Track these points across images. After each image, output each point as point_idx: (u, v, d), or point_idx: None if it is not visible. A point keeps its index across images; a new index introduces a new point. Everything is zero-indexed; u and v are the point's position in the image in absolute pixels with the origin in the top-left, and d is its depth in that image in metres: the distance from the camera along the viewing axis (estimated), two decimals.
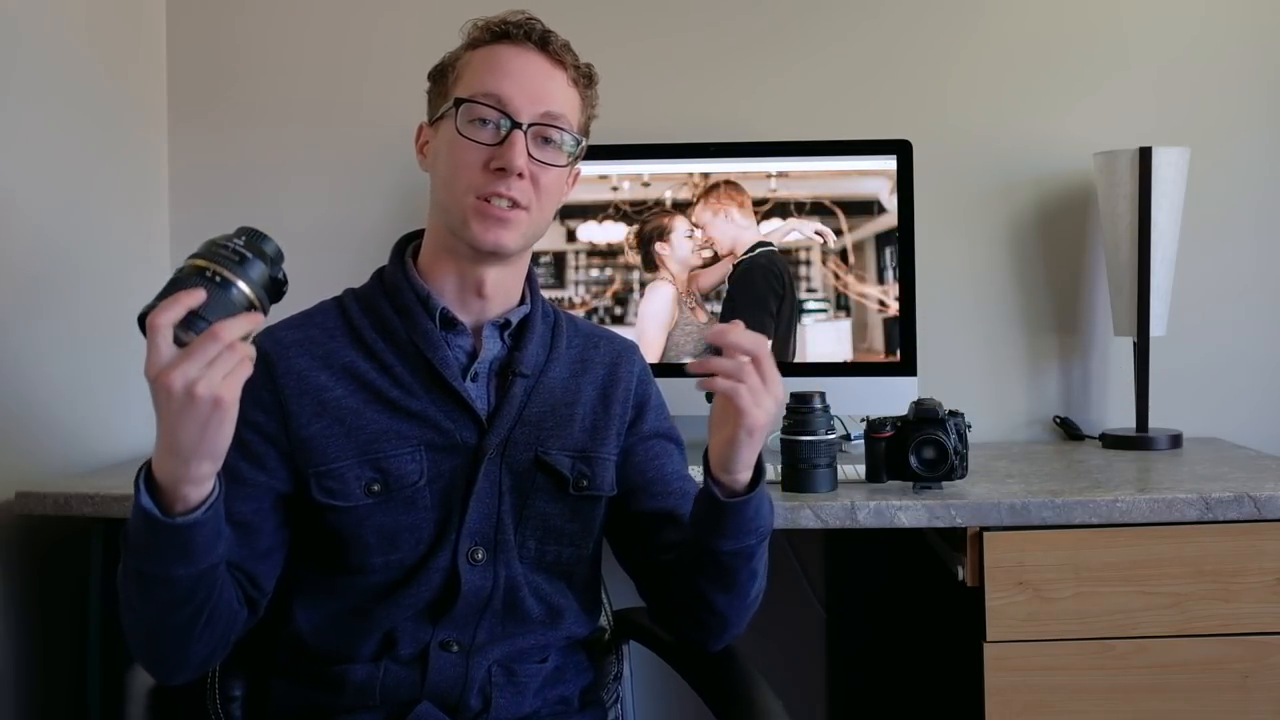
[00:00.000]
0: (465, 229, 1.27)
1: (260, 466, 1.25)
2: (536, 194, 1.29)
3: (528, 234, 1.31)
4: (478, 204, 1.27)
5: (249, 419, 1.24)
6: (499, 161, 1.26)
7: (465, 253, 1.30)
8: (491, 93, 1.28)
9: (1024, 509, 1.64)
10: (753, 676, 1.35)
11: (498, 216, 1.27)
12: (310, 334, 1.31)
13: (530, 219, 1.29)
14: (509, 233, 1.28)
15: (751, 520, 1.24)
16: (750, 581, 1.30)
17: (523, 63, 1.30)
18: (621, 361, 1.41)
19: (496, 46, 1.31)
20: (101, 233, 2.08)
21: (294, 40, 2.30)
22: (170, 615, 1.14)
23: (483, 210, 1.27)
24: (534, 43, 1.31)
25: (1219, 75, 2.25)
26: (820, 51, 2.28)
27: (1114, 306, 2.15)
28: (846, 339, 2.07)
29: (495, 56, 1.30)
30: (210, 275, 1.06)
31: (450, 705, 1.25)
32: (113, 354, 2.10)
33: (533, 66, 1.30)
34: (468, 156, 1.27)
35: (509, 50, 1.30)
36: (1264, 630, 1.65)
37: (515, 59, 1.30)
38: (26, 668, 1.83)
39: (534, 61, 1.30)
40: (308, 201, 2.30)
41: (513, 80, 1.28)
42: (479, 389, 1.31)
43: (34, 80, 1.88)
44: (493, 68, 1.29)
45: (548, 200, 1.31)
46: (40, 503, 1.73)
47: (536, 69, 1.30)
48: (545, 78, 1.31)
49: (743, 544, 1.25)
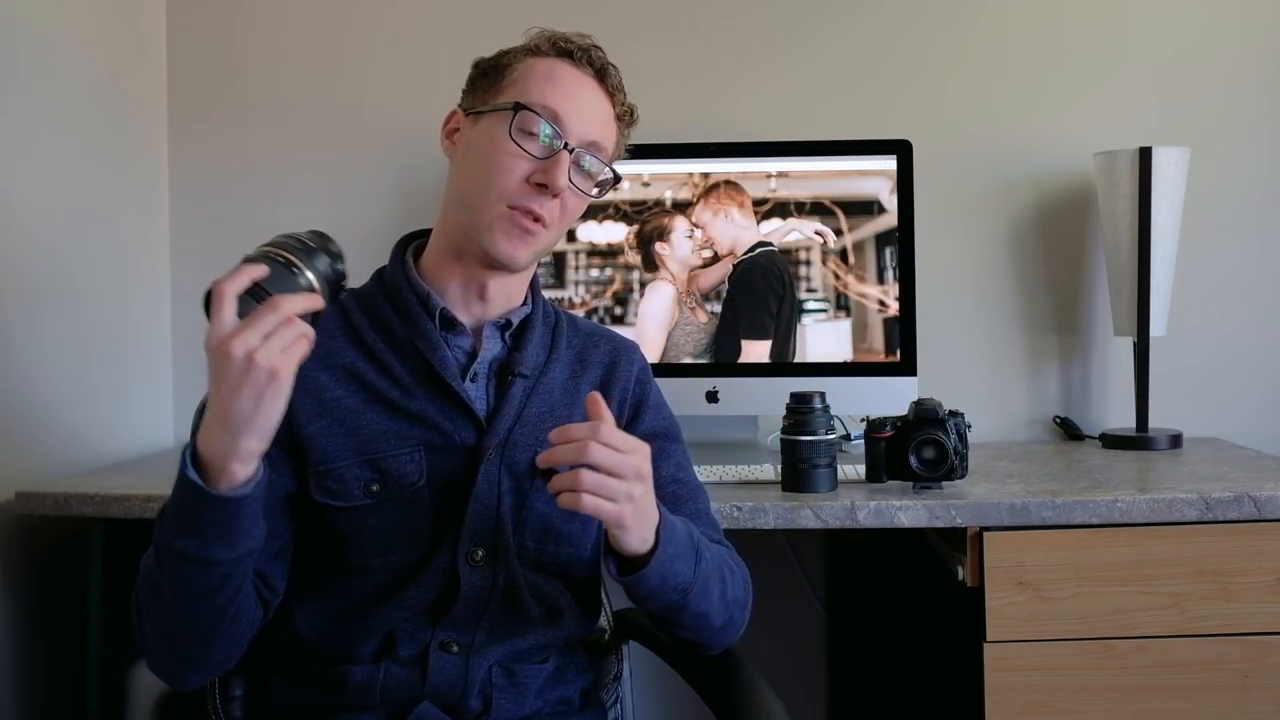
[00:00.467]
0: (488, 233, 1.27)
1: (270, 465, 1.25)
2: (560, 215, 1.30)
3: (540, 251, 1.32)
4: (508, 213, 1.27)
5: None
6: (542, 177, 1.26)
7: (474, 257, 1.30)
8: (549, 107, 1.28)
9: (1024, 509, 1.64)
10: (753, 676, 1.35)
11: (523, 228, 1.27)
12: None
13: (547, 237, 1.30)
14: (527, 249, 1.28)
15: (659, 587, 1.22)
16: (704, 619, 1.29)
17: (581, 86, 1.31)
18: (620, 360, 1.41)
19: (558, 62, 1.31)
20: (102, 233, 2.08)
21: (294, 41, 2.30)
22: (201, 604, 1.14)
23: (511, 220, 1.27)
24: (594, 70, 1.32)
25: (1219, 75, 2.25)
26: (820, 51, 2.28)
27: (1114, 306, 2.15)
28: (846, 339, 2.07)
29: (556, 72, 1.30)
30: (275, 257, 1.13)
31: (451, 706, 1.25)
32: (113, 354, 2.10)
33: (590, 93, 1.32)
34: (512, 164, 1.27)
35: (570, 70, 1.31)
36: (1264, 630, 1.65)
37: (574, 80, 1.31)
38: (26, 668, 1.83)
39: (591, 88, 1.32)
40: (308, 202, 2.30)
41: (571, 101, 1.29)
42: (478, 389, 1.31)
43: (34, 81, 1.88)
44: (554, 83, 1.29)
45: (566, 223, 1.33)
46: (40, 503, 1.73)
47: (592, 96, 1.32)
48: (598, 106, 1.32)
49: (664, 603, 1.25)
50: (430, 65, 2.24)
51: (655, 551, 1.19)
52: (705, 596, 1.27)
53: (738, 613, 1.34)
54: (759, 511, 1.65)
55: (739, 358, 2.07)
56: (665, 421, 1.42)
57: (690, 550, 1.24)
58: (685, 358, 2.08)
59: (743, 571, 1.38)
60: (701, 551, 1.26)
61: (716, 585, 1.28)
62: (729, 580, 1.32)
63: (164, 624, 1.17)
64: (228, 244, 2.28)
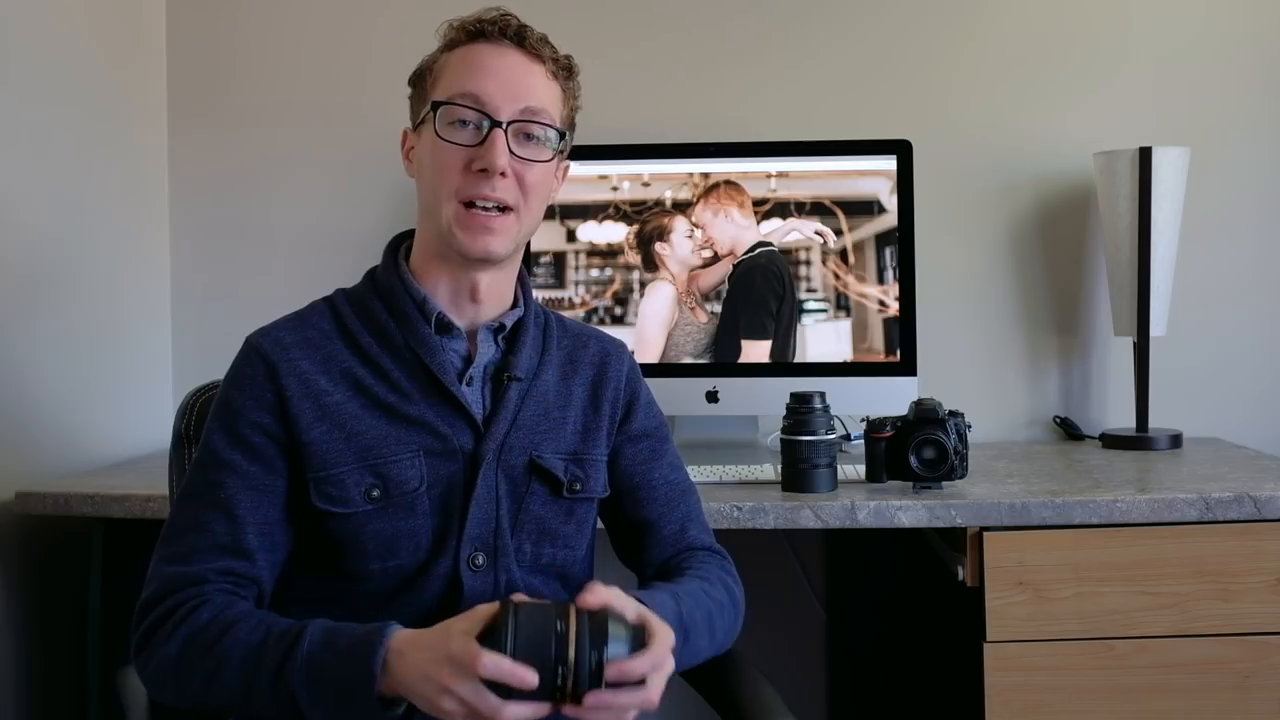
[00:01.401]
0: (452, 237, 1.26)
1: (273, 470, 1.24)
2: (523, 193, 1.28)
3: (517, 237, 1.30)
4: (462, 211, 1.26)
5: (255, 421, 1.24)
6: (480, 162, 1.25)
7: (456, 259, 1.29)
8: (469, 92, 1.26)
9: (1024, 509, 1.64)
10: (754, 675, 1.35)
11: (483, 224, 1.26)
12: (308, 335, 1.29)
13: (519, 221, 1.28)
14: (496, 239, 1.27)
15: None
16: (696, 659, 1.27)
17: (500, 60, 1.28)
18: (610, 360, 1.40)
19: (473, 46, 1.29)
20: (101, 233, 2.08)
21: (294, 40, 2.30)
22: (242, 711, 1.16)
23: (468, 219, 1.26)
24: (510, 39, 1.29)
25: (1219, 75, 2.25)
26: (820, 51, 2.28)
27: (1114, 306, 2.15)
28: (846, 339, 2.07)
29: (471, 56, 1.29)
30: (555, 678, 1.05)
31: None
32: (113, 354, 2.10)
33: (510, 63, 1.28)
34: (449, 159, 1.26)
35: (485, 49, 1.29)
36: (1264, 630, 1.65)
37: (492, 57, 1.28)
38: (26, 668, 1.83)
39: (511, 58, 1.29)
40: (307, 201, 2.30)
41: (490, 78, 1.27)
42: (474, 393, 1.30)
43: (33, 80, 1.88)
44: (469, 67, 1.28)
45: (535, 199, 1.30)
46: (40, 503, 1.73)
47: (514, 65, 1.28)
48: (524, 73, 1.29)
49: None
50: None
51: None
52: (693, 657, 1.25)
53: (728, 639, 1.32)
54: (759, 511, 1.65)
55: (739, 358, 2.07)
56: (655, 421, 1.42)
57: (680, 632, 1.20)
58: (685, 358, 2.08)
59: (735, 593, 1.35)
60: (691, 623, 1.23)
61: (706, 639, 1.26)
62: (719, 625, 1.29)
63: (223, 702, 1.17)
64: (227, 243, 2.30)
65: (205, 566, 1.20)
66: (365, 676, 1.08)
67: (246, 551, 1.22)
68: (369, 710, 1.09)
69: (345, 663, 1.10)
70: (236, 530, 1.22)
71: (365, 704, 1.09)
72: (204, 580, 1.20)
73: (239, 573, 1.22)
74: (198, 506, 1.23)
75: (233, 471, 1.23)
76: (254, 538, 1.22)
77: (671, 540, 1.36)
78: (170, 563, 1.22)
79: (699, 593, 1.28)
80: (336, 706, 1.11)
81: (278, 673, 1.12)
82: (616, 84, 2.20)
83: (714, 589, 1.31)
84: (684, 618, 1.22)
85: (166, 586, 1.20)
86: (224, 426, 1.25)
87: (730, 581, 1.35)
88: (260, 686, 1.13)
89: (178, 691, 1.18)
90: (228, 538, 1.21)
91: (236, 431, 1.24)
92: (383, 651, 1.09)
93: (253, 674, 1.13)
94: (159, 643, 1.18)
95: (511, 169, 1.26)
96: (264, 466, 1.24)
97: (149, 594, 1.21)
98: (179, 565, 1.21)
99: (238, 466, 1.23)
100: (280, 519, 1.25)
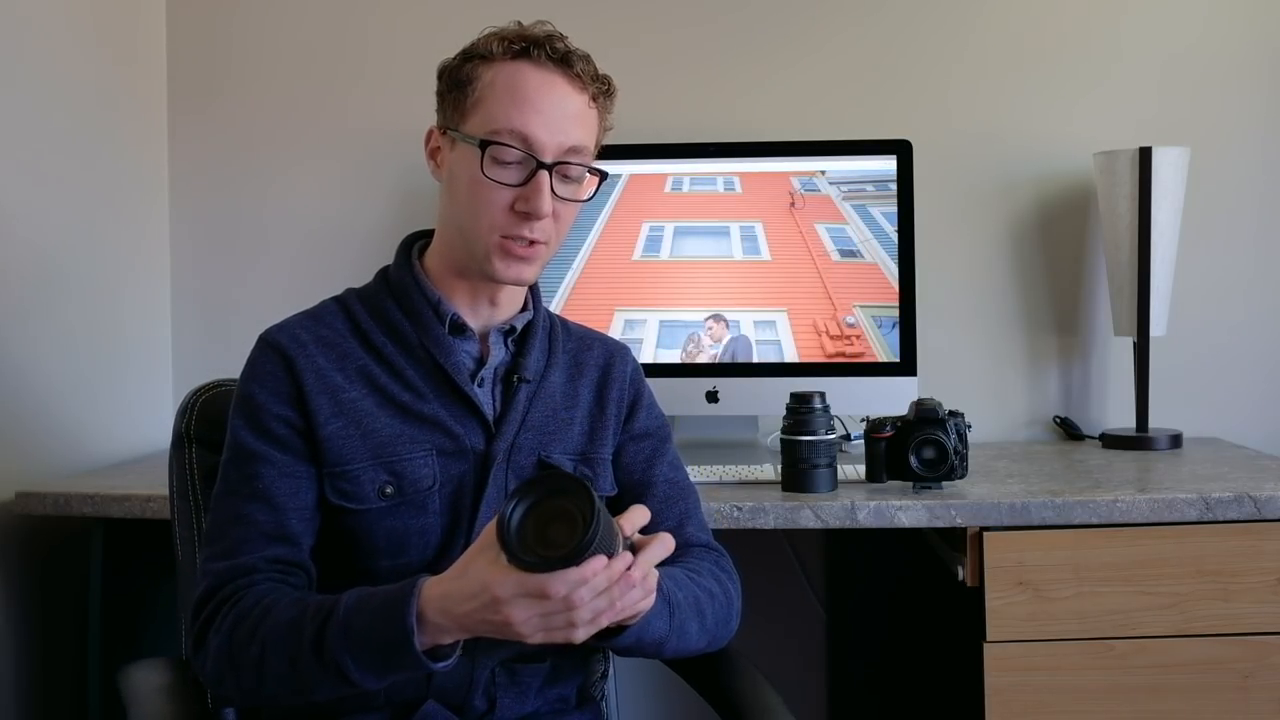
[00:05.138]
0: (487, 262, 1.27)
1: (303, 458, 1.25)
2: (557, 228, 1.29)
3: (546, 261, 1.32)
4: (502, 242, 1.26)
5: (278, 413, 1.25)
6: (525, 206, 1.25)
7: (480, 277, 1.30)
8: (516, 130, 1.24)
9: (1024, 509, 1.64)
10: (753, 675, 1.35)
11: (520, 255, 1.27)
12: (321, 333, 1.30)
13: (550, 250, 1.30)
14: (530, 268, 1.29)
15: (634, 647, 1.21)
16: (682, 652, 1.28)
17: (546, 90, 1.26)
18: (615, 362, 1.41)
19: (517, 66, 1.27)
20: (101, 232, 2.08)
21: (295, 38, 2.30)
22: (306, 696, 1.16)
23: (506, 248, 1.26)
24: (556, 63, 1.27)
25: (1219, 75, 2.25)
26: (820, 51, 2.28)
27: (1114, 306, 2.15)
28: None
29: (517, 83, 1.26)
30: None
31: (455, 705, 1.26)
32: (113, 353, 2.10)
33: (557, 96, 1.27)
34: (493, 197, 1.25)
35: (531, 74, 1.26)
36: (1264, 630, 1.65)
37: (538, 87, 1.26)
38: (26, 668, 1.83)
39: (558, 88, 1.27)
40: (308, 200, 2.30)
41: (537, 114, 1.25)
42: (485, 394, 1.31)
43: (33, 78, 1.88)
44: (515, 99, 1.25)
45: (565, 229, 1.32)
46: (40, 503, 1.73)
47: (561, 99, 1.27)
48: (569, 107, 1.27)
49: (641, 655, 1.25)
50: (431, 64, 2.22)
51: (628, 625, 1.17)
52: (682, 638, 1.25)
53: (721, 630, 1.32)
54: (759, 511, 1.65)
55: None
56: (658, 421, 1.43)
57: (664, 605, 1.21)
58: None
59: (727, 586, 1.35)
60: (675, 601, 1.23)
61: (694, 622, 1.26)
62: (708, 611, 1.29)
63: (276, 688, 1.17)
64: (227, 243, 2.30)
65: (253, 556, 1.21)
66: (403, 633, 1.09)
67: (292, 537, 1.23)
68: (418, 664, 1.10)
69: (380, 623, 1.10)
70: (280, 517, 1.22)
71: (411, 659, 1.10)
72: (253, 569, 1.21)
73: (287, 559, 1.22)
74: (236, 501, 1.24)
75: (265, 462, 1.24)
76: (297, 523, 1.23)
77: None
78: (216, 559, 1.22)
79: (683, 578, 1.28)
80: (384, 668, 1.12)
81: (318, 646, 1.12)
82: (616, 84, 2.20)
83: (703, 578, 1.31)
84: (667, 592, 1.22)
85: (216, 582, 1.21)
86: (248, 421, 1.26)
87: (722, 575, 1.35)
88: (305, 663, 1.13)
89: (236, 685, 1.18)
90: (272, 525, 1.22)
91: (261, 424, 1.25)
92: (415, 604, 1.09)
93: (295, 651, 1.13)
94: (210, 638, 1.19)
95: (552, 208, 1.27)
96: (294, 456, 1.25)
97: (199, 593, 1.22)
98: (225, 560, 1.21)
99: (269, 456, 1.24)
100: (315, 505, 1.25)
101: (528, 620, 1.06)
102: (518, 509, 1.05)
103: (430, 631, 1.10)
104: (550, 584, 1.04)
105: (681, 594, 1.25)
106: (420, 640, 1.09)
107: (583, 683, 1.40)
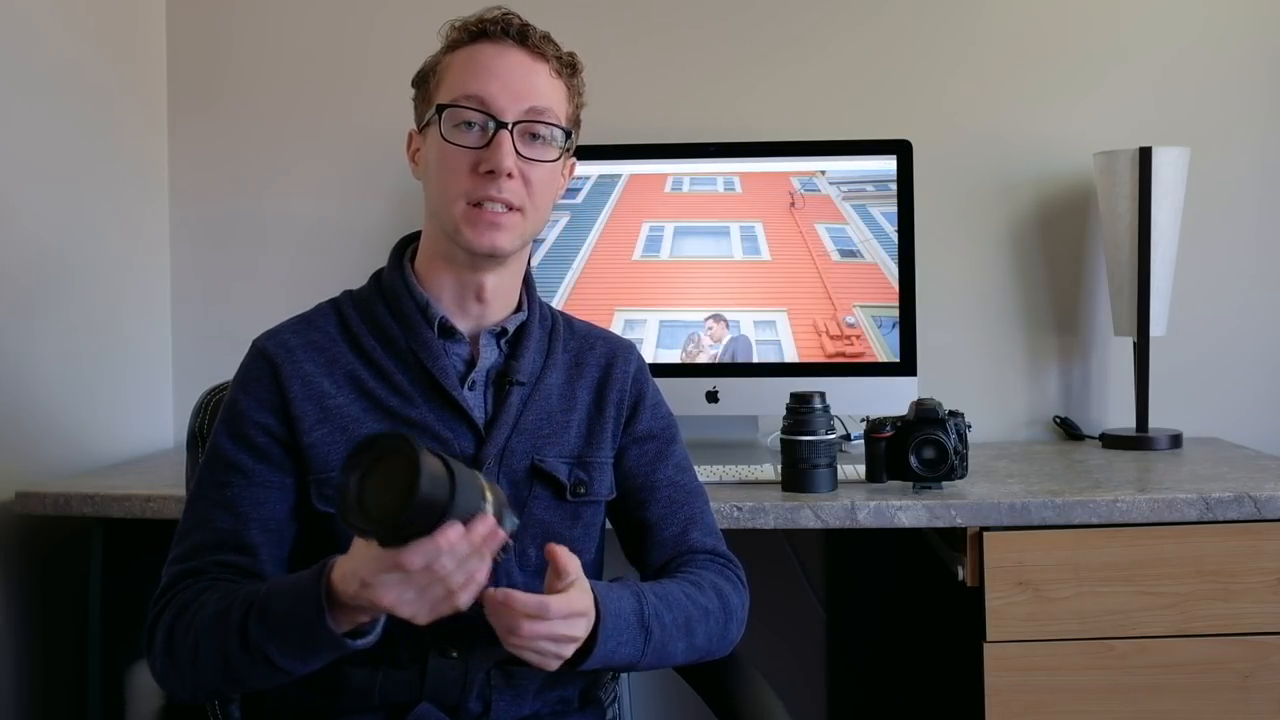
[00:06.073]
0: (459, 235, 1.27)
1: (279, 469, 1.25)
2: (529, 192, 1.28)
3: (524, 234, 1.30)
4: (469, 210, 1.26)
5: (259, 422, 1.25)
6: (487, 164, 1.25)
7: (462, 259, 1.29)
8: (473, 94, 1.26)
9: (1024, 509, 1.64)
10: (753, 676, 1.35)
11: (490, 220, 1.26)
12: (312, 338, 1.30)
13: (525, 219, 1.29)
14: (503, 235, 1.27)
15: (601, 669, 1.21)
16: (663, 665, 1.27)
17: (503, 60, 1.28)
18: (617, 361, 1.39)
19: (475, 46, 1.29)
20: (101, 232, 2.08)
21: (295, 39, 2.30)
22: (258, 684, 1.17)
23: (475, 216, 1.26)
24: (513, 38, 1.29)
25: (1219, 75, 2.25)
26: (820, 51, 2.28)
27: (1114, 306, 2.15)
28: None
29: (474, 57, 1.29)
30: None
31: (450, 707, 1.25)
32: (113, 353, 2.10)
33: (514, 62, 1.28)
34: (455, 162, 1.26)
35: (488, 49, 1.29)
36: (1264, 630, 1.65)
37: (495, 57, 1.28)
38: (26, 668, 1.83)
39: (514, 57, 1.29)
40: (308, 200, 2.30)
41: (494, 79, 1.27)
42: (476, 398, 1.30)
43: (33, 78, 1.88)
44: (473, 69, 1.28)
45: (541, 198, 1.30)
46: (40, 503, 1.73)
47: (517, 65, 1.28)
48: (527, 73, 1.29)
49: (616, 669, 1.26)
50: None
51: (592, 651, 1.17)
52: (663, 657, 1.24)
53: (716, 645, 1.31)
54: (759, 511, 1.65)
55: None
56: (663, 421, 1.41)
57: (638, 632, 1.20)
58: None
59: (729, 598, 1.32)
60: (652, 627, 1.21)
61: (681, 642, 1.25)
62: (699, 630, 1.27)
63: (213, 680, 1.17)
64: (227, 243, 2.30)
65: (204, 560, 1.22)
66: (314, 612, 1.08)
67: (248, 546, 1.23)
68: (334, 644, 1.09)
69: (295, 605, 1.10)
70: (240, 526, 1.23)
71: (327, 639, 1.08)
72: (202, 572, 1.21)
73: (238, 566, 1.22)
74: (204, 507, 1.25)
75: (238, 471, 1.24)
76: (257, 534, 1.23)
77: (671, 543, 1.35)
78: (175, 562, 1.24)
79: (678, 595, 1.27)
80: (303, 649, 1.11)
81: (243, 634, 1.12)
82: (616, 84, 2.20)
83: (701, 594, 1.29)
84: (645, 617, 1.21)
85: (169, 582, 1.22)
86: (229, 427, 1.26)
87: (726, 586, 1.33)
88: (233, 652, 1.13)
89: (179, 679, 1.19)
90: (230, 534, 1.23)
91: (241, 433, 1.25)
92: (323, 583, 1.08)
93: (223, 641, 1.14)
94: (157, 634, 1.20)
95: (518, 169, 1.26)
96: (270, 466, 1.25)
97: (155, 594, 1.23)
98: (182, 563, 1.23)
99: (243, 466, 1.24)
100: (287, 516, 1.25)
101: (401, 601, 1.04)
102: (352, 480, 0.99)
103: (344, 611, 1.08)
104: (405, 558, 1.01)
105: (670, 615, 1.24)
106: (333, 619, 1.08)
107: (587, 684, 1.39)
